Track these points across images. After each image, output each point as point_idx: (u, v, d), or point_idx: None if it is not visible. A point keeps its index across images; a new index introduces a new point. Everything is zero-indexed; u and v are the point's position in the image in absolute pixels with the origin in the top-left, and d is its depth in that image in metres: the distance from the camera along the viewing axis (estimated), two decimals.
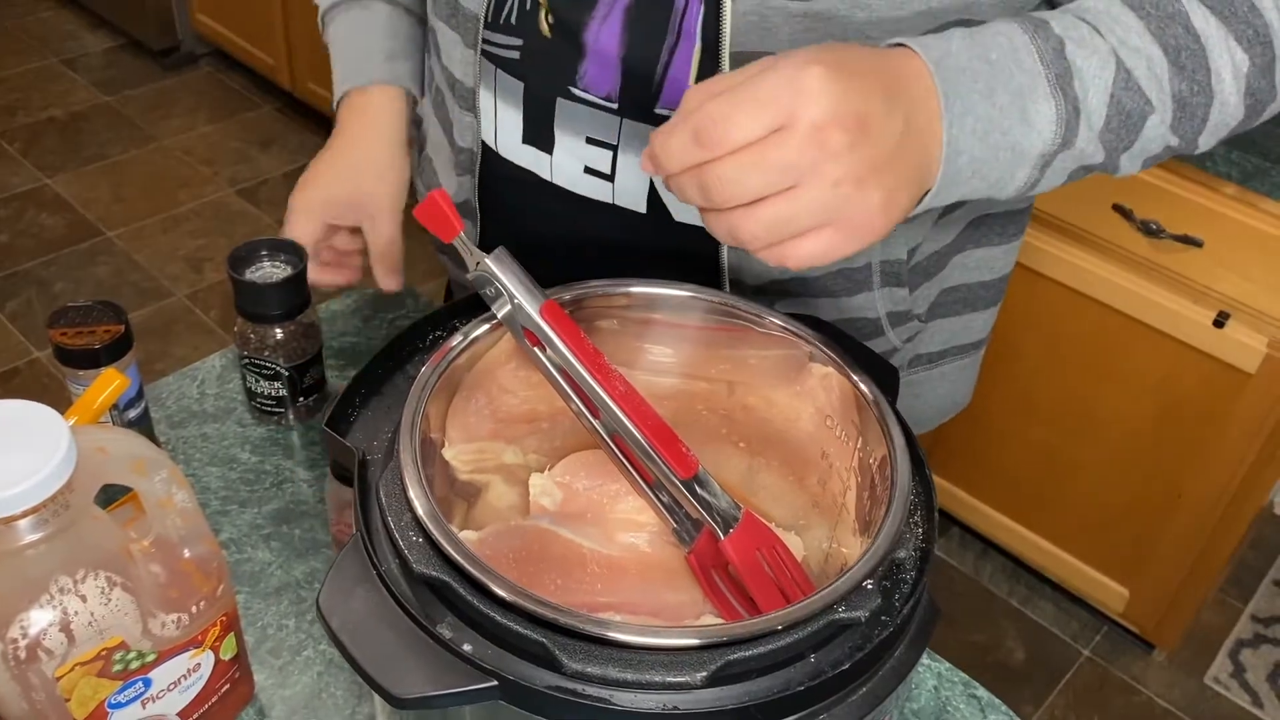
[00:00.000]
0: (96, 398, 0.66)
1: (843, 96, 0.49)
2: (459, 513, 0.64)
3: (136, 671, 0.57)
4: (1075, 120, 0.57)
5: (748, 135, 0.49)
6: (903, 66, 0.54)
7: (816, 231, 0.51)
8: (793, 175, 0.49)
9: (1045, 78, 0.56)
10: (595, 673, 0.46)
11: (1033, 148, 0.57)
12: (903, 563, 0.53)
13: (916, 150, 0.53)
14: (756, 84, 0.49)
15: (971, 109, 0.54)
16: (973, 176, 0.56)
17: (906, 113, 0.52)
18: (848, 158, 0.49)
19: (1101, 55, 0.58)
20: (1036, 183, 0.59)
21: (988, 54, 0.55)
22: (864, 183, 0.50)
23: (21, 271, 2.40)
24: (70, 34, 3.21)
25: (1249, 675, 1.81)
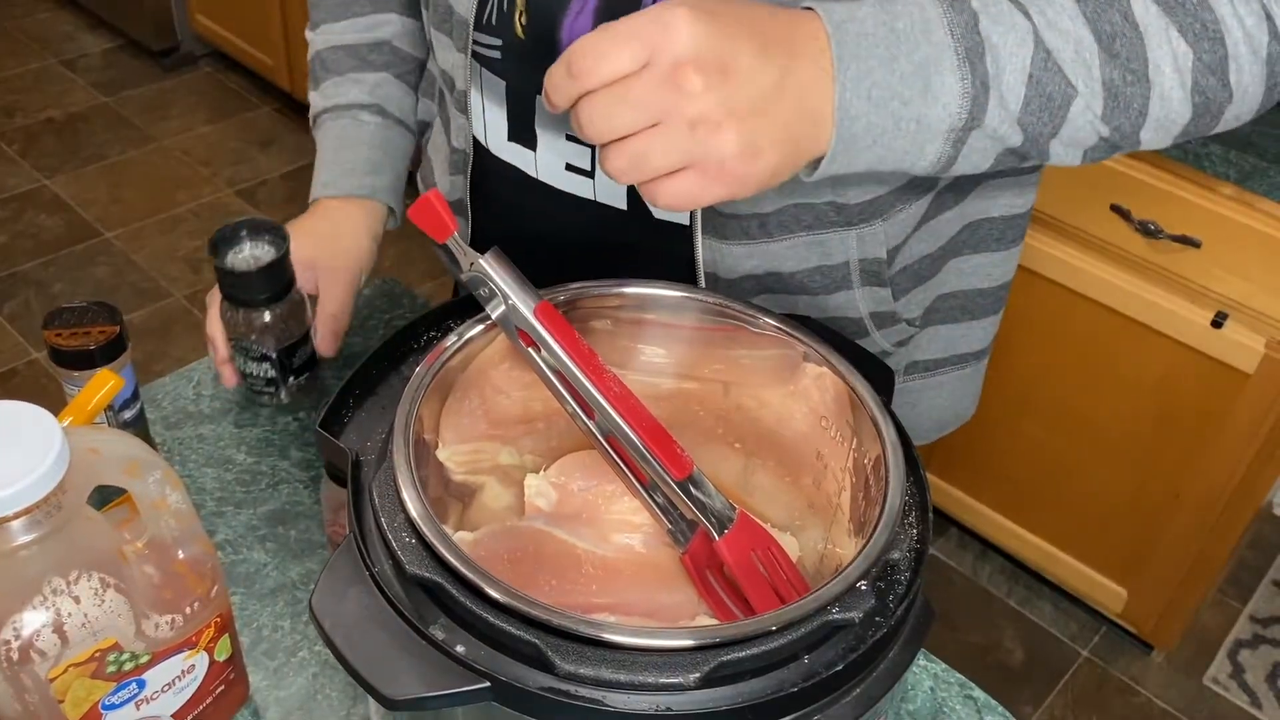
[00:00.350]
0: (91, 399, 0.66)
1: (705, 38, 0.50)
2: (454, 514, 0.63)
3: (130, 673, 0.57)
4: (984, 96, 0.56)
5: (614, 68, 0.51)
6: (797, 25, 0.54)
7: (680, 173, 0.53)
8: (653, 112, 0.51)
9: (954, 50, 0.55)
10: (588, 674, 0.46)
11: (939, 122, 0.56)
12: (897, 564, 0.53)
13: (793, 107, 0.53)
14: (628, 20, 0.51)
15: (869, 74, 0.54)
16: (874, 144, 0.55)
17: (785, 66, 0.52)
18: (703, 99, 0.50)
19: (1020, 33, 0.56)
20: (953, 160, 0.58)
21: (894, 22, 0.55)
22: (720, 127, 0.51)
23: (20, 272, 2.40)
24: (69, 35, 3.21)
25: (1248, 676, 1.81)
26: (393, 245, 2.54)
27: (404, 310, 0.98)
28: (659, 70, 0.50)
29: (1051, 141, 0.59)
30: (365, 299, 0.99)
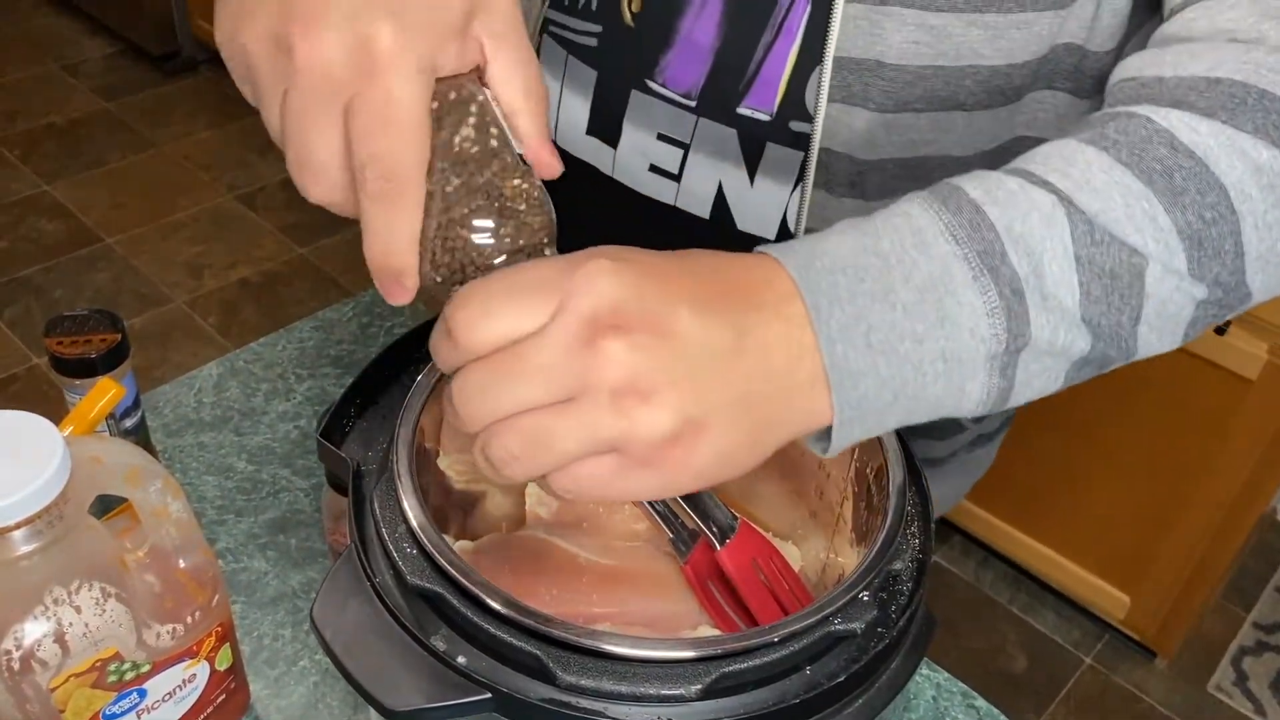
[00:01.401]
0: (92, 408, 0.66)
1: (631, 289, 0.39)
2: (455, 522, 0.63)
3: (131, 682, 0.57)
4: (1020, 306, 0.44)
5: (504, 330, 0.39)
6: (750, 270, 0.43)
7: (596, 457, 0.40)
8: (556, 385, 0.39)
9: (963, 259, 0.43)
10: (590, 685, 0.46)
11: (971, 351, 0.44)
12: (899, 574, 0.53)
13: (754, 371, 0.41)
14: (528, 267, 0.41)
15: (860, 317, 0.42)
16: (896, 399, 0.43)
17: (738, 324, 0.41)
18: (627, 363, 0.38)
19: (1044, 210, 0.44)
20: (1008, 390, 0.46)
21: (877, 243, 0.43)
22: (650, 398, 0.39)
23: (20, 278, 2.40)
24: (70, 40, 3.21)
25: (1251, 683, 1.80)
26: None
27: (404, 317, 0.98)
28: (568, 330, 0.38)
29: (1138, 329, 0.47)
30: (365, 305, 0.99)
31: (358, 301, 0.99)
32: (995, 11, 0.59)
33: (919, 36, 0.60)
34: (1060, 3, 0.59)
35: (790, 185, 0.68)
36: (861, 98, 0.62)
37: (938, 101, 0.63)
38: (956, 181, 0.46)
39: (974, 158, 0.66)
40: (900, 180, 0.66)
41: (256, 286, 2.44)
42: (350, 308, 0.98)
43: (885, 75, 0.62)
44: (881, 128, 0.63)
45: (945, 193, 0.45)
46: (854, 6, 0.60)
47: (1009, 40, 0.60)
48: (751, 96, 0.66)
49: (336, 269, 2.50)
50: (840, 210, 0.67)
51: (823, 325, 0.42)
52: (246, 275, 2.46)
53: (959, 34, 0.60)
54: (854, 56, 0.61)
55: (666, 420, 0.39)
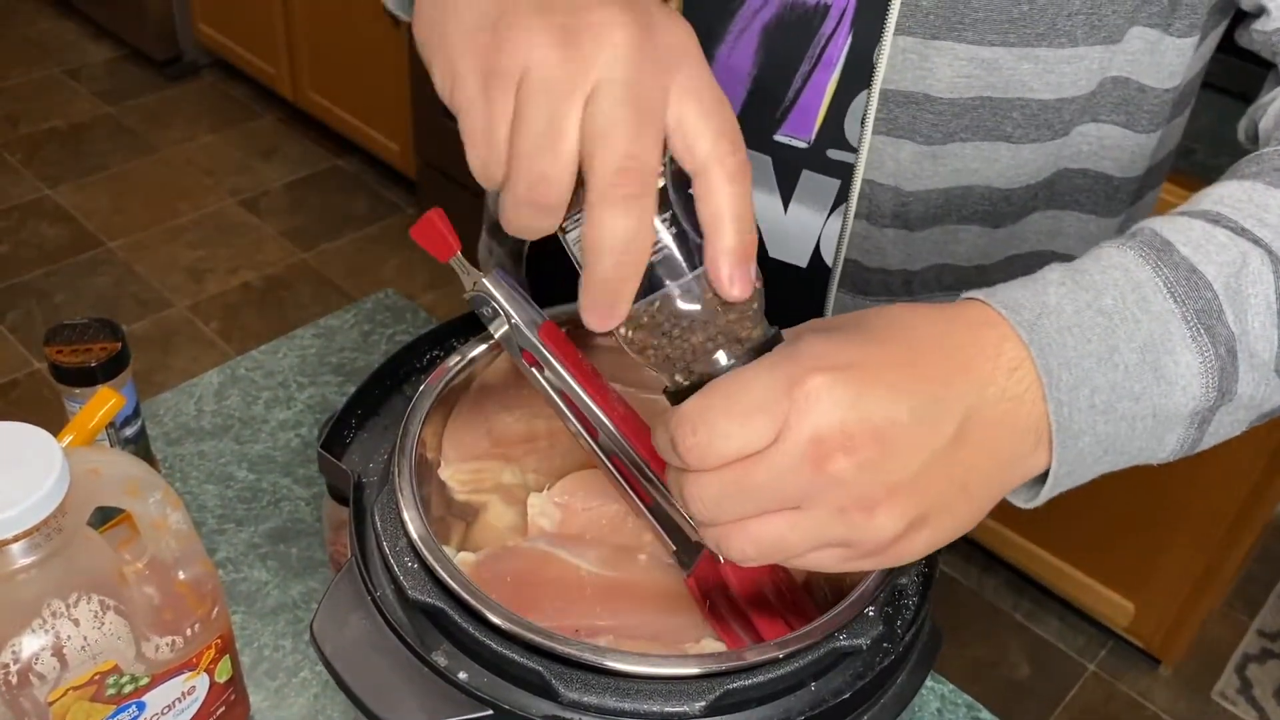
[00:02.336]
0: (91, 417, 0.65)
1: (851, 405, 0.40)
2: (457, 533, 0.63)
3: (130, 695, 0.57)
4: (1232, 365, 0.44)
5: (734, 450, 0.40)
6: (975, 340, 0.42)
7: (825, 550, 0.43)
8: (787, 499, 0.41)
9: (1182, 318, 0.43)
10: (592, 702, 0.46)
11: (1179, 408, 0.44)
12: (904, 589, 0.52)
13: (977, 458, 0.42)
14: (748, 384, 0.41)
15: (1085, 379, 0.42)
16: (1105, 454, 0.44)
17: (962, 413, 0.41)
18: (856, 483, 0.40)
19: (1253, 267, 0.44)
20: (1196, 442, 0.47)
21: (1099, 300, 0.43)
22: (876, 507, 0.41)
23: (22, 282, 2.40)
24: (72, 44, 3.21)
25: (1256, 691, 1.80)
26: (394, 255, 2.54)
27: (406, 325, 0.98)
28: (796, 453, 0.40)
29: None
30: (366, 313, 0.98)
31: (359, 309, 0.99)
32: (1047, 46, 0.59)
33: (970, 70, 0.59)
34: (1110, 37, 0.59)
35: (825, 213, 0.67)
36: (909, 130, 0.62)
37: (984, 132, 0.62)
38: (1162, 232, 0.45)
39: (1018, 190, 0.66)
40: (944, 210, 0.66)
41: (258, 291, 2.44)
42: (351, 315, 0.98)
43: (933, 109, 0.61)
44: (928, 159, 0.63)
45: (1156, 244, 0.45)
46: (904, 39, 0.59)
47: (1059, 75, 0.60)
48: (789, 124, 0.66)
49: (339, 273, 2.50)
50: (883, 239, 0.66)
51: (1053, 389, 0.42)
52: (248, 280, 2.46)
53: (1010, 67, 0.59)
54: (902, 89, 0.61)
55: (891, 527, 0.41)
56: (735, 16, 0.65)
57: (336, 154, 2.85)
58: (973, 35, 0.58)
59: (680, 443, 0.41)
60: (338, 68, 2.62)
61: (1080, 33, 0.58)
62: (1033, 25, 0.58)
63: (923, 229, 0.66)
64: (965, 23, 0.58)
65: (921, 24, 0.58)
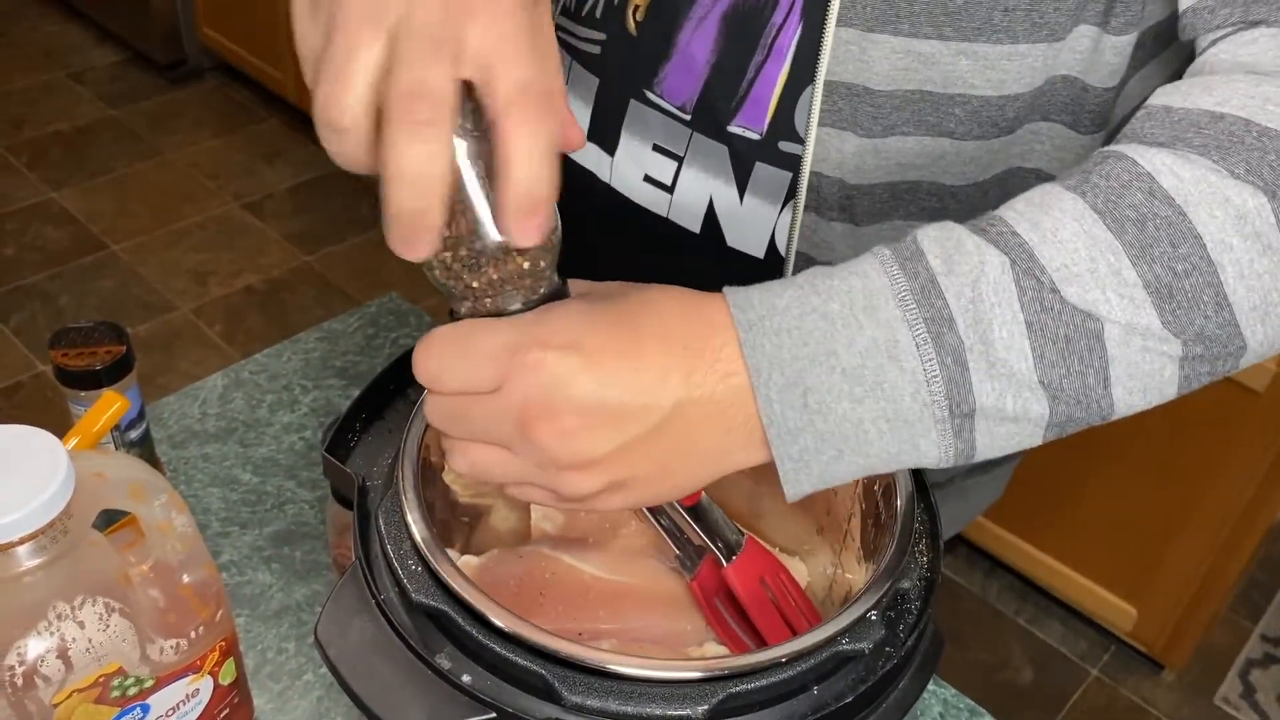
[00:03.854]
0: (97, 421, 0.65)
1: (563, 383, 0.44)
2: (460, 536, 0.63)
3: (134, 698, 0.57)
4: (962, 375, 0.44)
5: (458, 385, 0.45)
6: (701, 341, 0.45)
7: (530, 488, 0.47)
8: (500, 438, 0.45)
9: (908, 323, 0.44)
10: (595, 705, 0.46)
11: (911, 413, 0.45)
12: (907, 593, 0.52)
13: (678, 445, 0.45)
14: (488, 334, 0.45)
15: (798, 379, 0.44)
16: (841, 454, 0.46)
17: (675, 404, 0.44)
18: (551, 449, 0.44)
19: (992, 277, 0.44)
20: (970, 450, 0.46)
21: (827, 304, 0.45)
22: (576, 471, 0.45)
23: (26, 285, 2.41)
24: (77, 48, 3.22)
25: (1259, 696, 1.79)
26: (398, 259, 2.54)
27: (410, 329, 0.98)
28: (505, 407, 0.44)
29: (1111, 390, 0.46)
30: (370, 316, 0.99)
31: (363, 313, 0.99)
32: (985, 41, 0.58)
33: (907, 63, 0.60)
34: (1054, 35, 0.58)
35: (779, 205, 0.68)
36: (850, 122, 0.62)
37: (925, 127, 0.62)
38: (922, 242, 0.47)
39: (966, 187, 0.66)
40: (891, 205, 0.66)
41: (262, 294, 2.44)
42: (355, 319, 0.98)
43: (873, 101, 0.61)
44: (871, 152, 0.63)
45: (909, 253, 0.46)
46: (845, 31, 0.60)
47: (1000, 71, 0.59)
48: (742, 115, 0.66)
49: (342, 277, 2.50)
50: (831, 233, 0.67)
51: (761, 387, 0.45)
52: (252, 283, 2.47)
53: (947, 62, 0.59)
54: (843, 81, 0.61)
55: (586, 486, 0.46)
56: (696, 3, 0.65)
57: None
58: (908, 28, 0.58)
59: (417, 363, 0.45)
60: None
61: (1020, 29, 0.58)
62: (969, 19, 0.57)
63: (869, 224, 0.67)
64: (901, 15, 0.58)
65: (860, 15, 0.59)
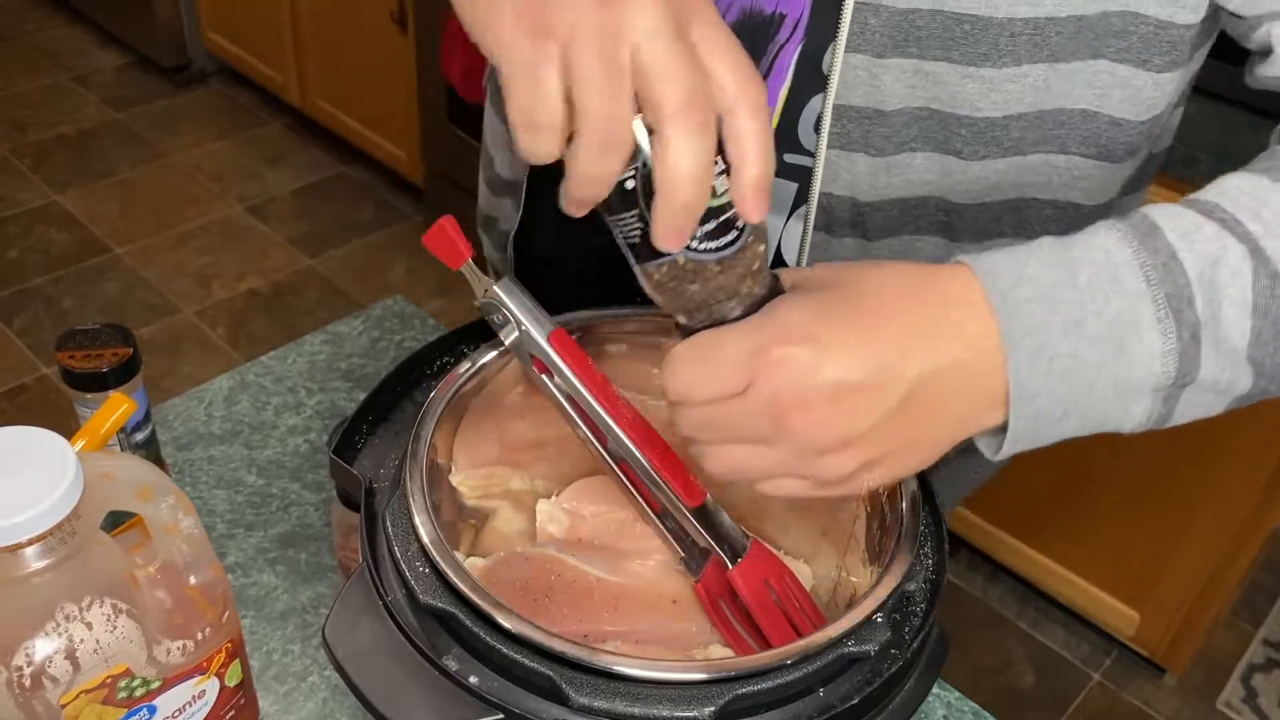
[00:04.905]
0: (104, 423, 0.65)
1: (810, 373, 0.46)
2: (466, 538, 0.63)
3: (141, 699, 0.57)
4: (1194, 350, 0.47)
5: (700, 396, 0.48)
6: (947, 303, 0.47)
7: (786, 478, 0.49)
8: (755, 435, 0.48)
9: (1152, 299, 0.47)
10: (602, 706, 0.46)
11: (1141, 382, 0.48)
12: (912, 595, 0.53)
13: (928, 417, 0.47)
14: (720, 345, 0.47)
15: (1047, 345, 0.46)
16: (1065, 416, 0.48)
17: (919, 378, 0.46)
18: (809, 435, 0.46)
19: (1234, 257, 0.47)
20: (1167, 416, 0.50)
21: (1075, 275, 0.47)
22: (832, 454, 0.47)
23: (30, 288, 2.41)
24: (81, 51, 3.23)
25: (1261, 700, 1.79)
26: (401, 262, 2.55)
27: (415, 331, 0.98)
28: (758, 404, 0.46)
29: None
30: (375, 319, 0.99)
31: (367, 315, 0.99)
32: (991, 67, 0.59)
33: (915, 81, 0.61)
34: (1055, 57, 0.59)
35: (784, 216, 0.68)
36: (862, 144, 0.63)
37: (933, 144, 0.63)
38: (1154, 217, 0.49)
39: (973, 207, 0.66)
40: (901, 221, 0.67)
41: (265, 297, 2.44)
42: (360, 322, 0.98)
43: (885, 123, 0.62)
44: (882, 170, 0.64)
45: (1144, 229, 0.48)
46: (854, 57, 0.60)
47: (1003, 93, 0.60)
48: None
49: (345, 280, 2.51)
50: (842, 249, 0.68)
51: (1013, 352, 0.46)
52: (255, 286, 2.47)
53: (954, 84, 0.60)
54: (853, 105, 0.62)
55: (843, 468, 0.48)
56: None
57: (344, 161, 2.85)
58: (917, 51, 0.59)
59: (667, 383, 0.49)
60: (345, 75, 2.63)
61: (1024, 52, 0.59)
62: (975, 45, 0.58)
63: (880, 239, 0.67)
64: (910, 41, 0.59)
65: (871, 42, 0.60)
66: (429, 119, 2.38)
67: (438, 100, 2.30)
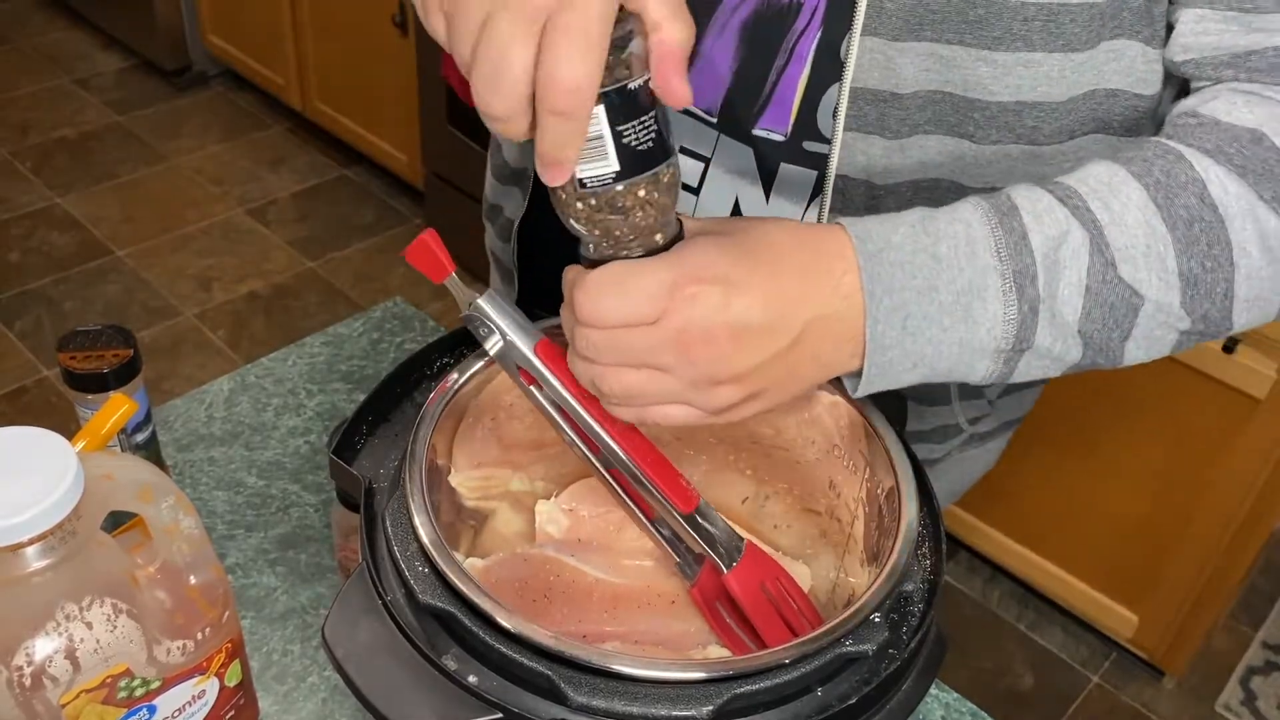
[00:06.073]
0: (104, 423, 0.66)
1: (718, 311, 0.50)
2: (465, 539, 0.63)
3: (141, 699, 0.57)
4: (1032, 320, 0.53)
5: (611, 320, 0.50)
6: (825, 268, 0.52)
7: (674, 405, 0.52)
8: (655, 362, 0.51)
9: (999, 274, 0.52)
10: (600, 706, 0.46)
11: (984, 344, 0.53)
12: (910, 595, 0.53)
13: (806, 359, 0.53)
14: (638, 275, 0.50)
15: (903, 306, 0.52)
16: (915, 367, 0.54)
17: (804, 323, 0.51)
18: (708, 367, 0.50)
19: (1074, 243, 0.53)
20: (1007, 375, 0.55)
21: (936, 246, 0.52)
22: (719, 384, 0.51)
23: (31, 290, 2.41)
24: (82, 54, 3.23)
25: (1260, 703, 1.79)
26: (401, 264, 2.55)
27: (415, 333, 0.98)
28: (666, 334, 0.50)
29: (1125, 345, 0.56)
30: (375, 321, 0.99)
31: (368, 318, 0.99)
32: (1005, 50, 0.60)
33: (929, 65, 0.61)
34: (1071, 46, 0.60)
35: (804, 203, 0.69)
36: (878, 126, 0.63)
37: (946, 127, 0.63)
38: (1015, 198, 0.54)
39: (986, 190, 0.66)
40: (913, 202, 0.67)
41: (266, 300, 2.45)
42: (360, 324, 0.99)
43: (899, 105, 0.63)
44: (896, 152, 0.64)
45: (1005, 209, 0.54)
46: (870, 40, 0.61)
47: (1016, 78, 0.61)
48: (766, 118, 0.67)
49: (346, 282, 2.51)
50: None
51: (872, 309, 0.52)
52: (256, 288, 2.47)
53: (968, 68, 0.61)
54: (869, 88, 0.63)
55: (729, 398, 0.52)
56: (715, 12, 0.67)
57: (344, 164, 2.86)
58: (932, 34, 0.60)
59: (578, 304, 0.50)
60: (346, 78, 2.63)
61: (1037, 38, 0.60)
62: (989, 29, 0.60)
63: None
64: (925, 24, 0.60)
65: (886, 25, 0.61)
66: (429, 122, 2.38)
67: (438, 103, 2.30)
